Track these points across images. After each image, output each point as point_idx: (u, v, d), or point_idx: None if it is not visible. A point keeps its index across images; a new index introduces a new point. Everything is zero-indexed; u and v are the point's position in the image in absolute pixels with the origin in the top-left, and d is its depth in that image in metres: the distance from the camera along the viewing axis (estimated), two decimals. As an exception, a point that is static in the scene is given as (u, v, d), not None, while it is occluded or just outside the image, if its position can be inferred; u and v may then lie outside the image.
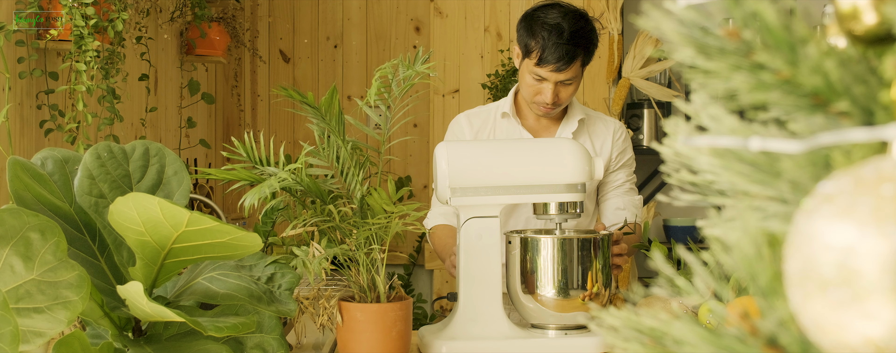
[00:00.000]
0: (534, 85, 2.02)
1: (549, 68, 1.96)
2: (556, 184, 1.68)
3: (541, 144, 1.73)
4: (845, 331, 0.42)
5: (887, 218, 0.41)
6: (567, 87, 2.01)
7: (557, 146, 1.71)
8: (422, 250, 4.12)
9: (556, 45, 1.93)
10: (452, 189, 1.66)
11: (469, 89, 3.88)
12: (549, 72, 1.97)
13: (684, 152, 0.52)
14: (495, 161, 1.70)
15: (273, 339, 1.38)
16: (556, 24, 1.94)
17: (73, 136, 2.38)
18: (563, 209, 1.71)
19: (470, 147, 1.74)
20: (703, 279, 0.50)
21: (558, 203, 1.70)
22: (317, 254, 1.46)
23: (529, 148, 1.72)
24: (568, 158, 1.68)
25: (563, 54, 1.94)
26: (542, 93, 2.01)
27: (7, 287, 1.06)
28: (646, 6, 0.53)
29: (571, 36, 1.94)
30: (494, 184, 1.68)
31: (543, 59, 1.95)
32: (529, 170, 1.68)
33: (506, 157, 1.70)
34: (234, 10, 3.93)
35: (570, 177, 1.68)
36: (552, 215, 1.71)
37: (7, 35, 2.20)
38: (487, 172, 1.68)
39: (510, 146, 1.74)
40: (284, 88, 1.46)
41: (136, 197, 1.13)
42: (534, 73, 1.99)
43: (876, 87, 0.46)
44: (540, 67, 1.97)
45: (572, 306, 1.68)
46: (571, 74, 1.99)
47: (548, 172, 1.68)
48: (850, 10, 0.48)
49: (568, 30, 1.94)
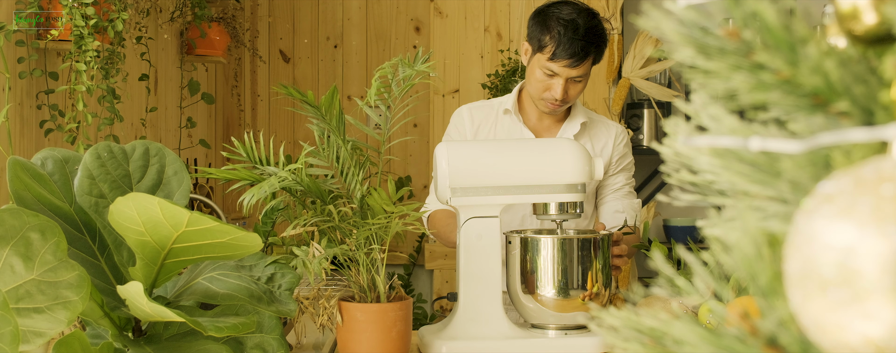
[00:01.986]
0: (544, 81, 2.02)
1: (563, 63, 1.97)
2: (556, 184, 1.68)
3: (541, 144, 1.73)
4: (845, 331, 0.42)
5: (887, 218, 0.41)
6: (577, 84, 2.02)
7: (558, 147, 1.71)
8: (422, 250, 4.12)
9: (572, 41, 1.94)
10: (453, 189, 1.66)
11: (469, 89, 3.88)
12: (562, 67, 1.97)
13: (684, 152, 0.52)
14: (495, 161, 1.70)
15: (273, 339, 1.38)
16: (571, 20, 1.96)
17: (73, 136, 2.38)
18: (563, 209, 1.71)
19: (470, 147, 1.74)
20: (703, 279, 0.50)
21: (558, 203, 1.70)
22: (317, 254, 1.46)
23: (530, 148, 1.72)
24: (568, 158, 1.68)
25: (577, 50, 1.95)
26: (551, 89, 2.01)
27: (7, 287, 1.06)
28: (646, 6, 0.53)
29: (586, 32, 1.95)
30: (495, 184, 1.68)
31: (557, 53, 1.96)
32: (530, 170, 1.68)
33: (506, 157, 1.70)
34: (234, 10, 3.94)
35: (571, 177, 1.68)
36: (552, 214, 1.71)
37: (7, 35, 2.20)
38: (487, 172, 1.68)
39: (510, 146, 1.74)
40: (285, 87, 1.46)
41: (136, 197, 1.13)
42: (545, 68, 2.00)
43: (876, 87, 0.46)
44: (553, 62, 1.98)
45: (572, 306, 1.68)
46: (583, 71, 2.00)
47: (548, 172, 1.68)
48: (850, 10, 0.48)
49: (583, 26, 1.95)
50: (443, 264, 3.92)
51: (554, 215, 1.71)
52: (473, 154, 1.70)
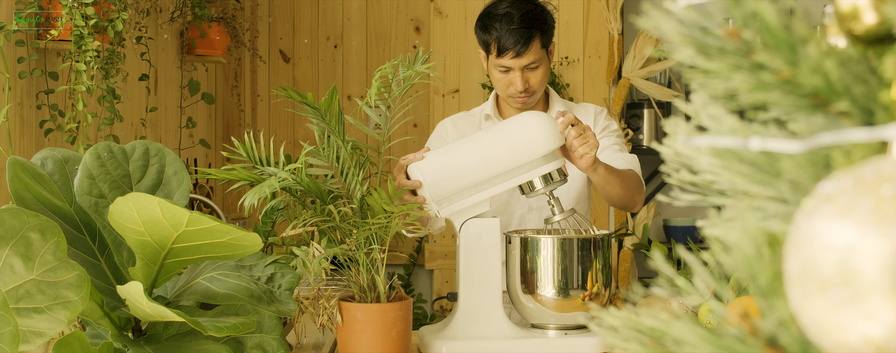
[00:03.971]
0: (502, 78, 2.05)
1: (510, 56, 1.99)
2: (533, 159, 1.68)
3: (505, 124, 1.73)
4: (845, 331, 0.42)
5: (887, 218, 0.41)
6: (534, 71, 2.04)
7: (522, 121, 1.71)
8: (422, 250, 4.12)
9: (510, 32, 1.97)
10: (437, 201, 1.67)
11: (469, 89, 3.88)
12: (511, 59, 2.00)
13: (684, 152, 0.52)
14: (469, 158, 1.70)
15: (273, 339, 1.38)
16: (505, 13, 1.99)
17: (73, 136, 2.38)
18: (549, 180, 1.71)
19: (439, 155, 1.71)
20: (703, 279, 0.51)
21: (542, 177, 1.70)
22: (317, 254, 1.46)
23: (495, 133, 1.72)
24: (534, 128, 1.68)
25: (518, 38, 1.97)
26: (512, 83, 2.04)
27: (7, 287, 1.06)
28: (646, 6, 0.53)
29: (522, 19, 1.98)
30: (475, 180, 1.68)
31: (501, 48, 1.99)
32: (503, 153, 1.68)
33: (476, 149, 1.70)
34: (234, 10, 3.94)
35: (544, 146, 1.68)
36: (540, 190, 1.71)
37: (7, 35, 2.20)
38: (464, 170, 1.68)
39: (477, 138, 1.73)
40: (284, 89, 1.46)
41: (136, 197, 1.13)
42: (498, 66, 2.03)
43: (876, 87, 0.46)
44: (501, 58, 2.00)
45: (572, 306, 1.68)
46: (534, 57, 2.01)
47: (521, 149, 1.68)
48: (850, 10, 0.48)
49: (518, 15, 1.98)
50: (443, 264, 3.92)
51: (541, 189, 1.71)
52: (444, 160, 1.69)
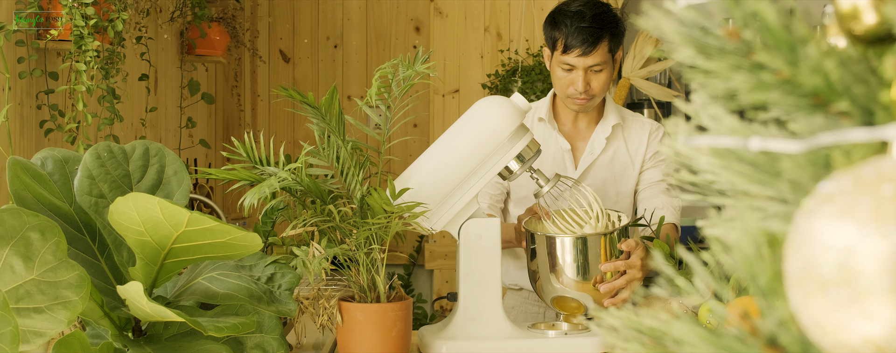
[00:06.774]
0: (564, 77, 2.01)
1: (576, 53, 1.96)
2: (499, 143, 1.66)
3: (463, 121, 1.70)
4: (845, 331, 0.42)
5: (887, 218, 0.41)
6: (597, 74, 2.00)
7: (477, 112, 1.68)
8: (422, 250, 4.12)
9: (579, 30, 1.94)
10: (428, 217, 1.64)
11: (469, 89, 3.88)
12: (576, 57, 1.96)
13: (684, 152, 0.52)
14: (438, 166, 1.66)
15: (273, 339, 1.38)
16: (577, 11, 1.96)
17: (73, 136, 2.38)
18: (524, 159, 1.70)
19: (411, 176, 1.67)
20: (703, 279, 0.50)
21: (516, 158, 1.69)
22: (317, 254, 1.46)
23: (455, 132, 1.68)
24: (492, 113, 1.66)
25: (586, 37, 1.94)
26: (573, 83, 2.00)
27: (7, 287, 1.06)
28: (646, 6, 0.53)
29: (594, 19, 1.95)
30: (454, 183, 1.65)
31: (568, 45, 1.96)
32: (469, 147, 1.66)
33: (442, 155, 1.67)
34: (234, 10, 3.94)
35: (504, 127, 1.65)
36: (517, 172, 1.71)
37: (7, 35, 2.20)
38: (439, 179, 1.65)
39: (439, 145, 1.70)
40: (285, 88, 1.46)
41: (136, 197, 1.13)
42: (562, 63, 1.99)
43: (876, 87, 0.46)
44: (566, 55, 1.97)
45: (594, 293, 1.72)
46: (599, 59, 1.98)
47: (484, 138, 1.66)
48: (850, 10, 0.48)
49: (590, 14, 1.96)
50: (443, 264, 3.92)
51: (519, 170, 1.70)
52: (417, 179, 1.65)
